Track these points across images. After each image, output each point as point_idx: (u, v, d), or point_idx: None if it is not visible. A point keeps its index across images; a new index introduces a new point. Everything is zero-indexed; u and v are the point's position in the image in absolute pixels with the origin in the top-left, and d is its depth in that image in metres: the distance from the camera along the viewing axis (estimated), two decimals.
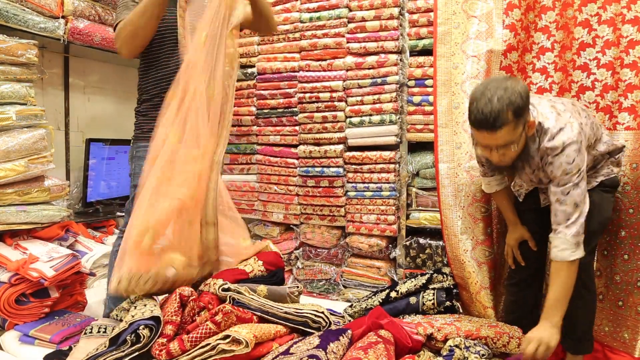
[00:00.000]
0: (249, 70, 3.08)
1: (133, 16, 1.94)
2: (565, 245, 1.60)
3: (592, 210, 1.67)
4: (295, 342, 1.54)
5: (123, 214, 3.19)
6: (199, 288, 1.79)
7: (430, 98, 2.52)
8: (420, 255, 2.66)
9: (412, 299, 2.14)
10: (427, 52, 2.57)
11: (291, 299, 1.82)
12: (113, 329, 1.63)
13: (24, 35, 2.43)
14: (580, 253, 1.60)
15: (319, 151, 2.87)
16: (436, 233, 2.62)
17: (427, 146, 2.61)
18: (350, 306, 2.25)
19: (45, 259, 2.21)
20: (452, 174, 2.30)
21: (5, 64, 2.29)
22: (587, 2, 1.99)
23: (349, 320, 2.10)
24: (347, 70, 2.79)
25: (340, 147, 2.84)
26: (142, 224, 1.70)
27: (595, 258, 2.02)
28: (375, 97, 2.72)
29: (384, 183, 2.73)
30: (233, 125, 3.07)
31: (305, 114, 2.90)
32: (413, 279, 2.22)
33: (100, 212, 3.15)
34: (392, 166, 2.71)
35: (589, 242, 1.72)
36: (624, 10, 1.91)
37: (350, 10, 2.78)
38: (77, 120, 3.19)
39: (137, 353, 1.47)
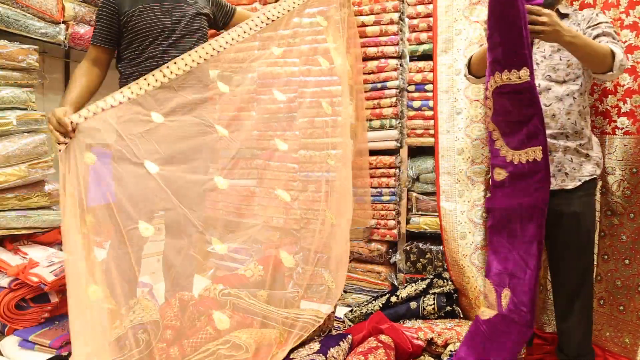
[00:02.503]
0: (249, 75, 3.08)
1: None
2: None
3: (577, 221, 1.69)
4: (296, 347, 1.54)
5: None
6: (199, 293, 1.79)
7: (430, 103, 2.53)
8: (421, 260, 2.66)
9: (413, 304, 2.14)
10: (427, 57, 2.57)
11: (291, 304, 1.82)
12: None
13: (24, 40, 2.44)
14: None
15: (320, 156, 2.87)
16: (436, 238, 2.61)
17: (427, 151, 2.61)
18: (351, 311, 2.25)
19: (46, 263, 2.20)
20: (452, 179, 2.31)
21: (6, 69, 2.30)
22: (585, 6, 2.00)
23: (349, 325, 2.10)
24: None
25: (341, 151, 2.83)
26: None
27: (596, 263, 2.02)
28: (375, 102, 2.73)
29: (384, 188, 2.73)
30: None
31: (306, 119, 2.90)
32: (413, 284, 2.22)
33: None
34: (392, 171, 2.71)
35: (584, 255, 1.74)
36: (623, 16, 1.92)
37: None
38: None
39: (136, 357, 1.46)
